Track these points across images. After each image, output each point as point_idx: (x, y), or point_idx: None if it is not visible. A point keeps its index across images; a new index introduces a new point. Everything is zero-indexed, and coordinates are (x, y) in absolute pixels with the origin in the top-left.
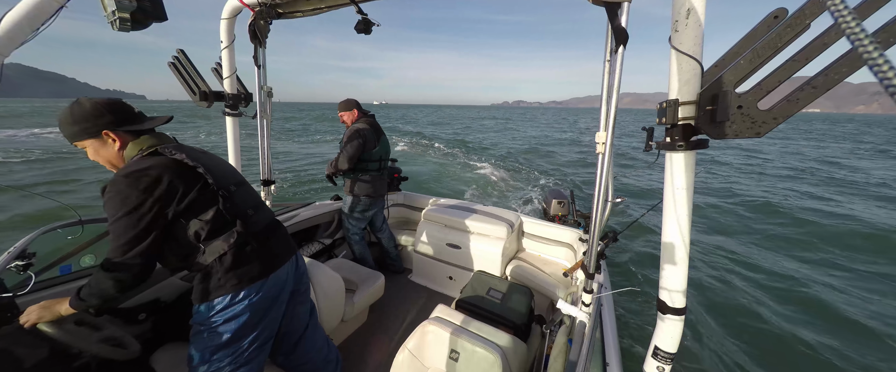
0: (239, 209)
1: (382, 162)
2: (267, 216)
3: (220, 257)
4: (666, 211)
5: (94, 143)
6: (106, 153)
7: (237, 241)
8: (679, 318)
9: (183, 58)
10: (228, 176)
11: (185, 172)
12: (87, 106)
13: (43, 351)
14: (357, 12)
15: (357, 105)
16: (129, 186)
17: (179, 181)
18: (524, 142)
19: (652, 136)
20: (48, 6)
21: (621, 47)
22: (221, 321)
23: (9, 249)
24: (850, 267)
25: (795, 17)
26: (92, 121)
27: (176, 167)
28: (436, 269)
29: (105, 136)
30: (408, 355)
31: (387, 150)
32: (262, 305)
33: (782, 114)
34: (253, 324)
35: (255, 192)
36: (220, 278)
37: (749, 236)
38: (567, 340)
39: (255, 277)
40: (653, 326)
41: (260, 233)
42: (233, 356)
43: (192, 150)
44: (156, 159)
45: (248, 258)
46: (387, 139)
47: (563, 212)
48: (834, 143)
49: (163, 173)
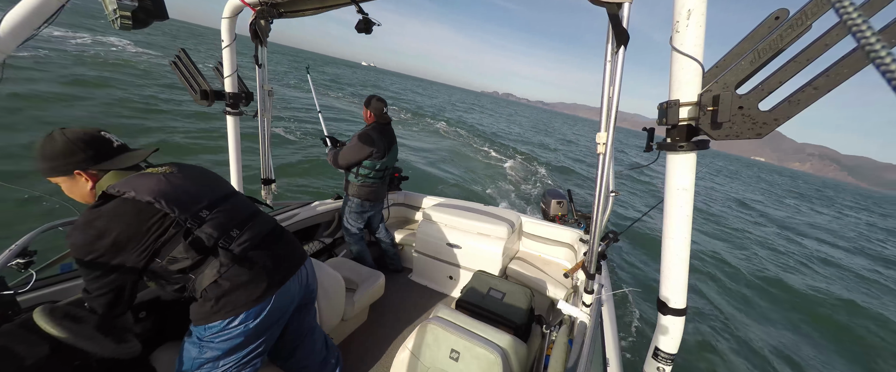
0: (221, 231)
1: (387, 171)
2: (264, 227)
3: (213, 283)
4: (666, 211)
5: (67, 181)
6: (78, 191)
7: (224, 266)
8: (679, 318)
9: (184, 56)
10: (201, 196)
11: (135, 217)
12: (59, 142)
13: (43, 349)
14: (358, 12)
15: (380, 107)
16: (79, 238)
17: (132, 225)
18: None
19: (652, 136)
20: (50, 5)
21: (622, 48)
22: (217, 340)
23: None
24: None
25: (797, 17)
26: (62, 159)
27: (124, 211)
28: (436, 268)
29: (77, 175)
30: (408, 355)
31: (394, 159)
32: (262, 326)
33: (783, 115)
34: (249, 342)
35: (246, 201)
36: (215, 304)
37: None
38: (567, 340)
39: (253, 301)
40: (653, 327)
41: (257, 248)
42: (222, 368)
43: (152, 178)
44: (104, 207)
45: (244, 282)
46: (397, 148)
47: (562, 212)
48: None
49: (109, 225)
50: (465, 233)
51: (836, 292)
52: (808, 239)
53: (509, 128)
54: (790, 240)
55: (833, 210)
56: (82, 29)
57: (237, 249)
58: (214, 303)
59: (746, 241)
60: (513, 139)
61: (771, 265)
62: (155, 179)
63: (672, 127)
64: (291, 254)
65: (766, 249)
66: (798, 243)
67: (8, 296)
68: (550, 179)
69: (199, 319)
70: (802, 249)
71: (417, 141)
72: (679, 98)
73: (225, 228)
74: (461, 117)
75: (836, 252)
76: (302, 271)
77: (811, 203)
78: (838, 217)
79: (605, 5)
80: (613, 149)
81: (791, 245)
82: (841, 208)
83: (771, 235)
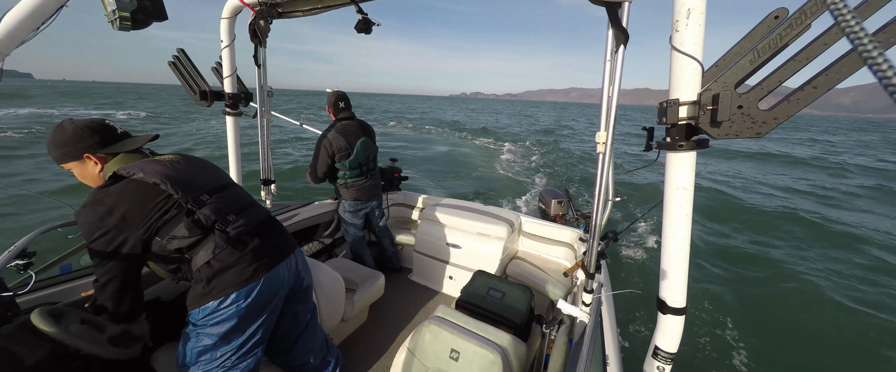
0: (218, 215)
1: (364, 167)
2: (258, 216)
3: (206, 264)
4: (666, 211)
5: (78, 166)
6: (88, 175)
7: (219, 247)
8: (679, 317)
9: (183, 57)
10: (203, 183)
11: (142, 194)
12: (69, 130)
13: (43, 350)
14: (357, 12)
15: (335, 102)
16: (89, 216)
17: (135, 207)
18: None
19: (652, 136)
20: (49, 5)
21: (622, 47)
22: (209, 325)
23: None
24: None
25: (796, 17)
26: (72, 145)
27: (132, 190)
28: (436, 268)
29: (86, 159)
30: (408, 355)
31: (367, 154)
32: (253, 308)
33: (783, 114)
34: (242, 328)
35: (244, 192)
36: (206, 286)
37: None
38: (567, 340)
39: (243, 281)
40: (653, 326)
41: (250, 234)
42: (221, 359)
43: (158, 164)
44: (113, 187)
45: (235, 262)
46: (368, 142)
47: (562, 212)
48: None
49: (117, 202)
50: (464, 233)
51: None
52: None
53: (478, 118)
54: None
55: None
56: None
57: (232, 231)
58: (206, 284)
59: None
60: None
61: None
62: (161, 164)
63: (672, 126)
64: (282, 242)
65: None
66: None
67: (7, 297)
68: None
69: (192, 302)
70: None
71: (398, 141)
72: (679, 97)
73: (222, 212)
74: (438, 117)
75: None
76: (292, 259)
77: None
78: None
79: (605, 5)
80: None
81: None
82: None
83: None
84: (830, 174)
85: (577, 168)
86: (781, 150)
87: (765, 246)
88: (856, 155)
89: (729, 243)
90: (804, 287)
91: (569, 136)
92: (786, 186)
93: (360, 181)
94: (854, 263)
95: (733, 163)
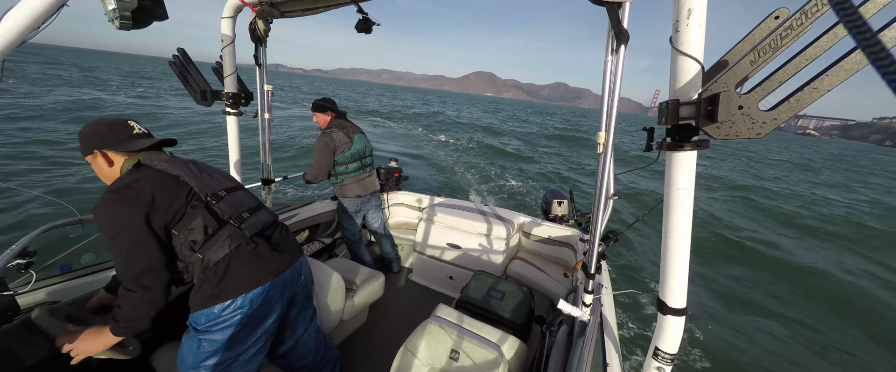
0: (231, 213)
1: (363, 160)
2: (265, 218)
3: (215, 265)
4: (666, 211)
5: (92, 161)
6: (101, 170)
7: (231, 247)
8: (679, 318)
9: (183, 57)
10: (217, 182)
11: (168, 183)
12: (89, 126)
13: (43, 350)
14: (357, 11)
15: (330, 107)
16: (114, 202)
17: (163, 192)
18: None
19: (652, 136)
20: (49, 4)
21: (622, 47)
22: (215, 329)
23: (10, 248)
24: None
25: (796, 17)
26: (85, 139)
27: (158, 178)
28: (436, 268)
29: (97, 154)
30: (408, 355)
31: (364, 146)
32: (258, 313)
33: (783, 114)
34: (246, 333)
35: (251, 195)
36: (215, 287)
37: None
38: (567, 340)
39: (251, 285)
40: (653, 327)
41: (257, 235)
42: (223, 365)
43: (178, 160)
44: (138, 173)
45: (244, 265)
46: (363, 135)
47: (563, 212)
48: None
49: (145, 186)
50: (465, 233)
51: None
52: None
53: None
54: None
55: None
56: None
57: (246, 229)
58: (215, 286)
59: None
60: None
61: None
62: (181, 162)
63: (672, 126)
64: (289, 246)
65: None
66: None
67: (8, 297)
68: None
69: (197, 304)
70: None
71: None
72: (679, 97)
73: (237, 208)
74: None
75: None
76: (298, 264)
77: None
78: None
79: (605, 5)
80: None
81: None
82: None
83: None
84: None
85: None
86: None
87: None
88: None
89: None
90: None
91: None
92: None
93: (361, 175)
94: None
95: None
